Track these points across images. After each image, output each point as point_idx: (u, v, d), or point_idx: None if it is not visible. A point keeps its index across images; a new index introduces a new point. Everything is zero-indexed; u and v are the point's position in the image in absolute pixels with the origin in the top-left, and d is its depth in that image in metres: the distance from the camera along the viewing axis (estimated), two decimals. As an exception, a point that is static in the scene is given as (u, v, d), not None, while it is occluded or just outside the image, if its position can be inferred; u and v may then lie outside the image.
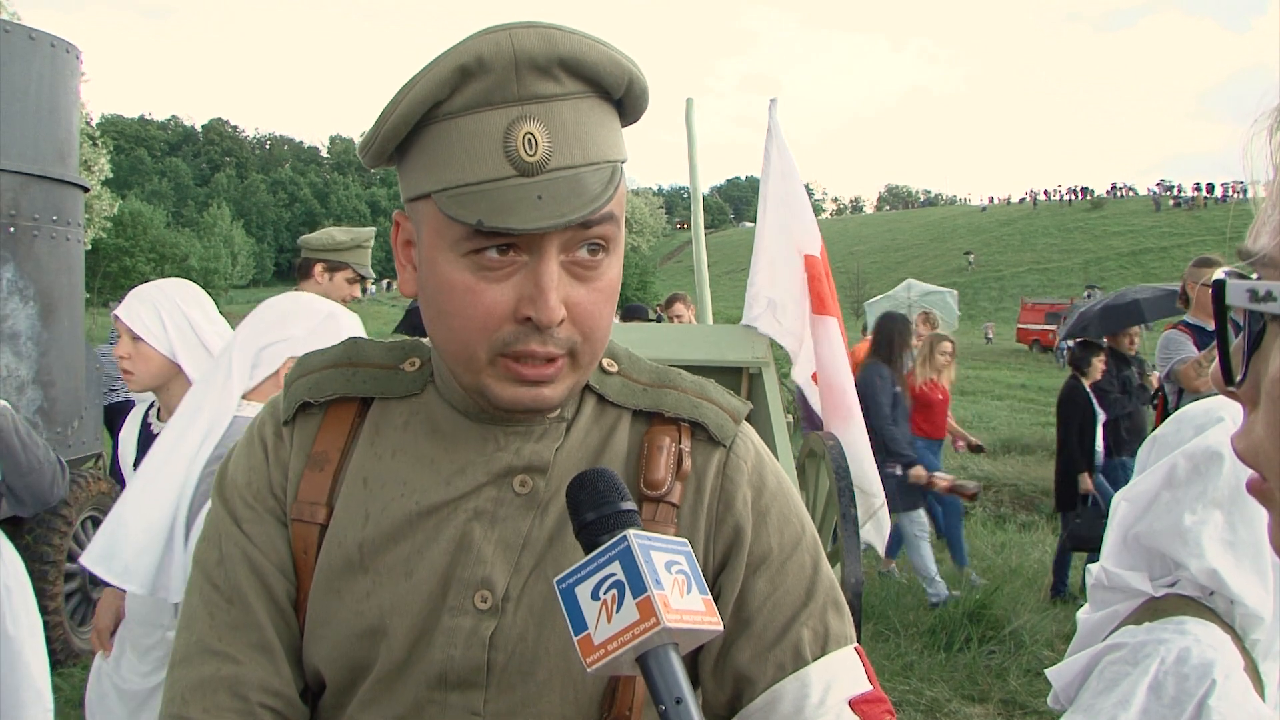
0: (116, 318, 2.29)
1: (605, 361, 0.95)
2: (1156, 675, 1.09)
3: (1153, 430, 1.33)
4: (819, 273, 3.67)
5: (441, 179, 0.78)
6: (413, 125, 0.79)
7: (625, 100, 0.82)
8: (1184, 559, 1.17)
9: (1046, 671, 1.27)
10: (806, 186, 3.99)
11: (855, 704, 0.85)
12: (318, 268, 3.82)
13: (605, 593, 0.69)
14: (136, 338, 2.27)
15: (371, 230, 3.94)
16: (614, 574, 0.69)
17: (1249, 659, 1.15)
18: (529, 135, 0.76)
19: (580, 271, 0.81)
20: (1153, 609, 1.19)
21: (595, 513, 0.74)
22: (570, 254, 0.80)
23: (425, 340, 0.96)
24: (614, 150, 0.81)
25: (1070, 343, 7.57)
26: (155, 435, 2.37)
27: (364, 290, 4.09)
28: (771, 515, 0.92)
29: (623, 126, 0.85)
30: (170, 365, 2.29)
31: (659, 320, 8.16)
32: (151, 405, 2.45)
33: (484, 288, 0.79)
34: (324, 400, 0.92)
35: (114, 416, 5.36)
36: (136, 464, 2.36)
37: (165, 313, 2.27)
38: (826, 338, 3.62)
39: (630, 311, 7.92)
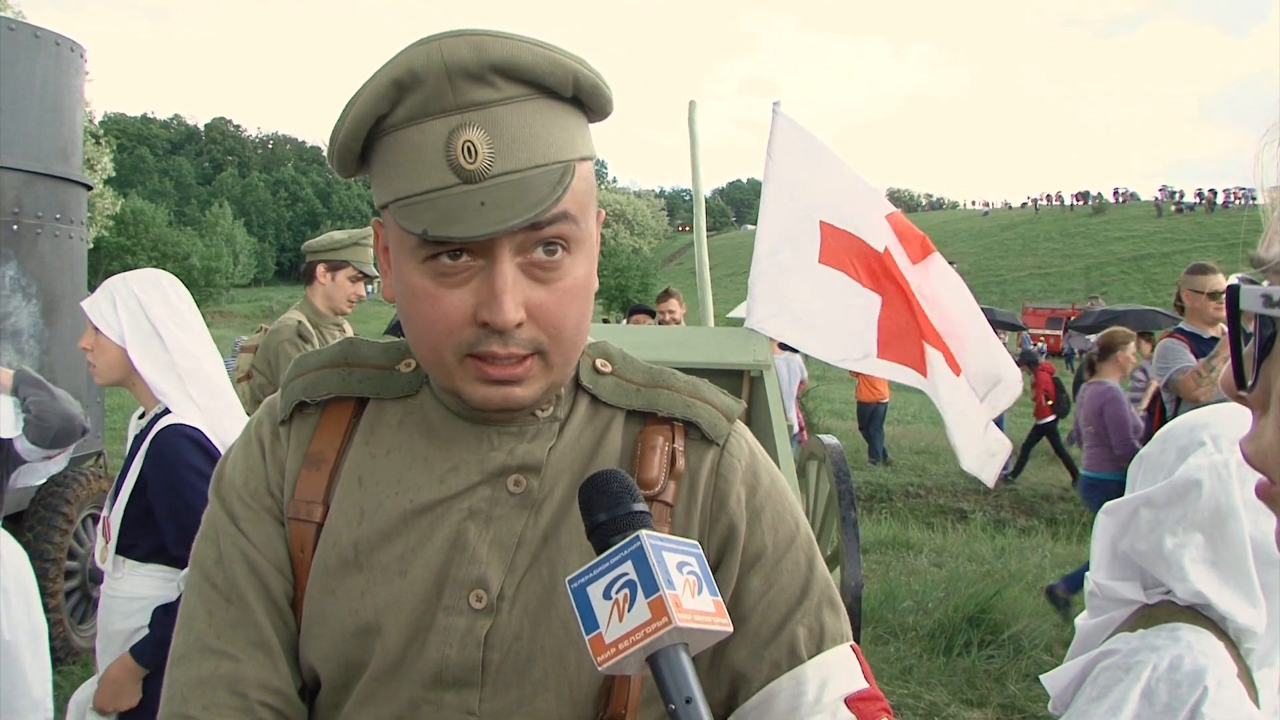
0: (82, 308, 2.27)
1: (599, 362, 0.96)
2: (1149, 682, 1.10)
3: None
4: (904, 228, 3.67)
5: (394, 190, 0.79)
6: (362, 140, 0.80)
7: (580, 98, 0.82)
8: (1168, 581, 1.18)
9: (1042, 677, 1.27)
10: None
11: (851, 702, 0.85)
12: (319, 268, 3.84)
13: (617, 592, 0.70)
14: (97, 329, 2.24)
15: (371, 229, 3.95)
16: (626, 574, 0.70)
17: (1243, 665, 1.15)
18: (468, 143, 0.76)
19: (539, 273, 0.81)
20: (1147, 616, 1.19)
21: (607, 513, 0.74)
22: (526, 255, 0.80)
23: None
24: (567, 150, 0.80)
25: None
26: (135, 433, 2.33)
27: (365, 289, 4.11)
28: (766, 513, 0.92)
29: (591, 122, 0.85)
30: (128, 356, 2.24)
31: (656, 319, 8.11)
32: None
33: (443, 293, 0.80)
34: (320, 400, 0.93)
35: None
36: (128, 462, 2.35)
37: (119, 299, 2.24)
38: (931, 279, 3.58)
39: (635, 309, 7.88)
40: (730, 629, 0.72)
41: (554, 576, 0.86)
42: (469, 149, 0.76)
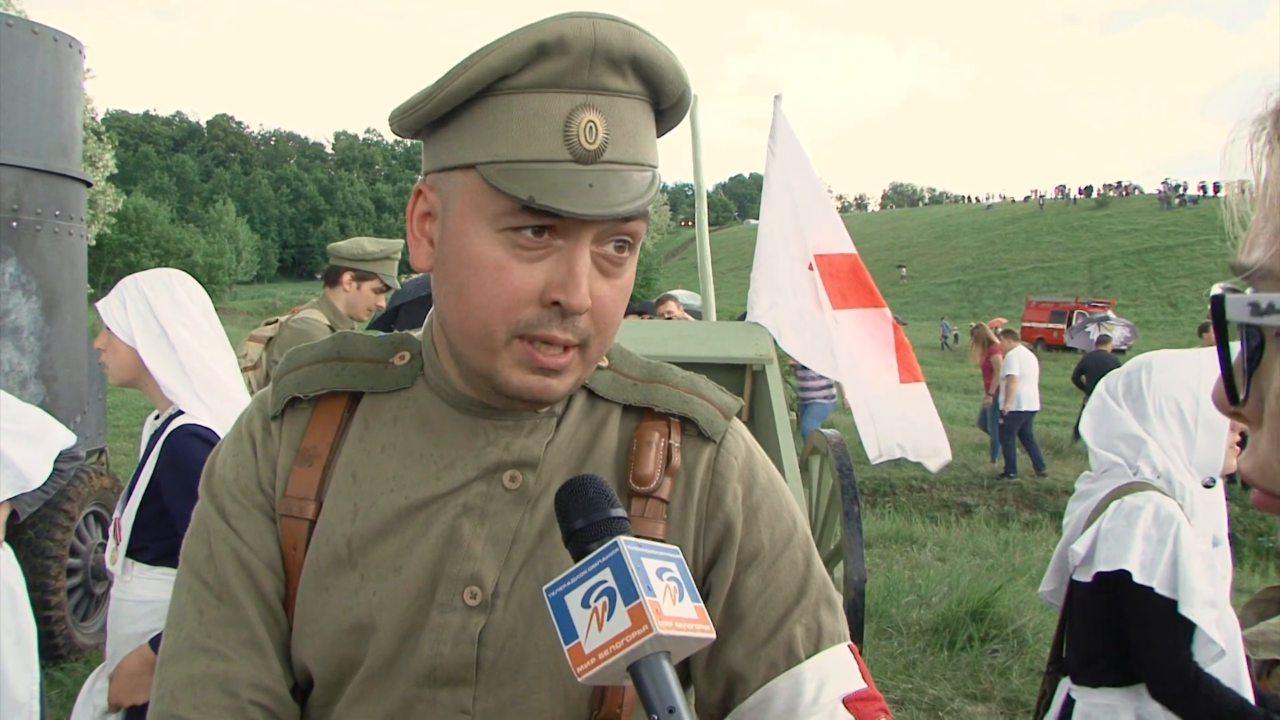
0: (96, 309, 2.27)
1: None
2: (1144, 528, 1.80)
3: None
4: (835, 270, 3.67)
5: (493, 151, 0.77)
6: (474, 93, 0.78)
7: (669, 112, 0.84)
8: (1144, 436, 1.90)
9: (1073, 546, 1.93)
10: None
11: (849, 702, 0.85)
12: (346, 276, 3.85)
13: (596, 600, 0.68)
14: (109, 329, 2.24)
15: (400, 242, 3.98)
16: (605, 581, 0.68)
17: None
18: (590, 123, 0.76)
19: (607, 266, 0.81)
20: (1127, 488, 1.88)
21: (584, 520, 0.73)
22: (601, 246, 0.80)
23: (414, 333, 0.95)
24: (654, 156, 0.83)
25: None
26: (150, 434, 2.33)
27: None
28: (762, 511, 0.91)
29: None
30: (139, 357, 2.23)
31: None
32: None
33: (514, 266, 0.79)
34: (313, 395, 0.91)
35: None
36: (141, 464, 2.34)
37: (129, 299, 2.23)
38: (849, 331, 3.63)
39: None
40: (713, 636, 0.71)
41: (549, 573, 0.84)
42: (591, 129, 0.77)
